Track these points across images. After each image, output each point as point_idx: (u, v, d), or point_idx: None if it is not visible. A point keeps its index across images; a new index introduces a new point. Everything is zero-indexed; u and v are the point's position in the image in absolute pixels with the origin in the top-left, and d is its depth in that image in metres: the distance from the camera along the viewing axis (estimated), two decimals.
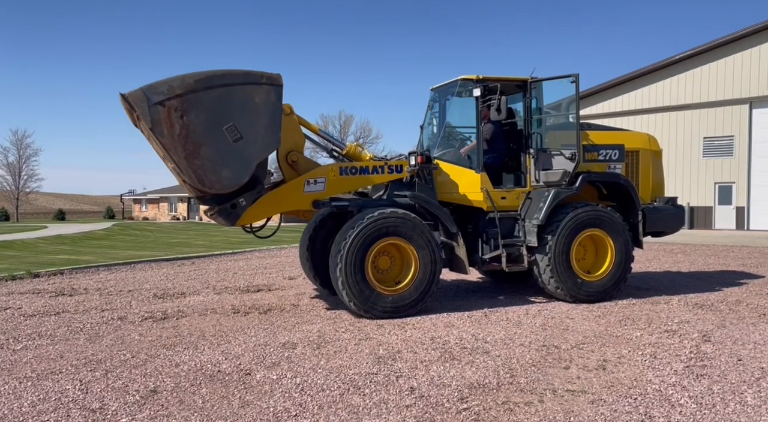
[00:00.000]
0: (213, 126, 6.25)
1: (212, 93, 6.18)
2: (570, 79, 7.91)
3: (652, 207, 8.81)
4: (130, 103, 6.02)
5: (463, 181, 8.09)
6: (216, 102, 6.22)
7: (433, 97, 8.94)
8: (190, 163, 6.27)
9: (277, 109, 6.61)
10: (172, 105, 6.01)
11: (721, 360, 5.26)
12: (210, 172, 6.38)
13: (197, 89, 6.11)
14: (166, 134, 6.08)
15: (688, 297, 8.41)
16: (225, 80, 6.26)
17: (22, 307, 8.22)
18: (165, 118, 6.01)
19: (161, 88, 5.99)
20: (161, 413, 4.10)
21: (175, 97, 6.02)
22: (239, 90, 6.34)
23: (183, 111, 6.06)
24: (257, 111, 6.44)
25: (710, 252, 15.24)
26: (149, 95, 5.95)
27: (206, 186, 6.49)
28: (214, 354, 5.62)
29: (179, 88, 6.04)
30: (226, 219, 6.92)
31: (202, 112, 6.18)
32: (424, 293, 7.28)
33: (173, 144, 6.16)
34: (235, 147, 6.37)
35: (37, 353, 5.76)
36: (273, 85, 6.52)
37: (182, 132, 6.11)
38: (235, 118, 6.33)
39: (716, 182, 25.31)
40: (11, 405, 4.28)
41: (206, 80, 6.17)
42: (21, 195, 67.42)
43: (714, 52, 24.89)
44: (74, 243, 22.05)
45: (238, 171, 6.50)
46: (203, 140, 6.24)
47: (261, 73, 6.48)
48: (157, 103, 5.95)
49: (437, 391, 4.48)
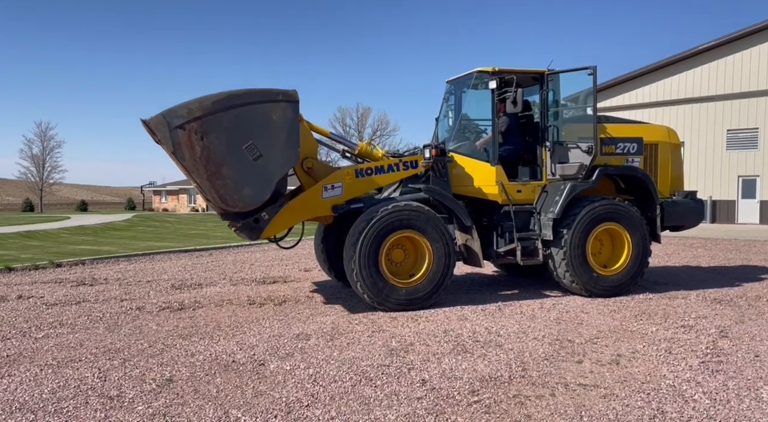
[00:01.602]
0: (233, 146, 6.30)
1: (231, 113, 6.23)
2: (588, 71, 7.80)
3: (671, 201, 8.69)
4: (151, 128, 6.13)
5: (478, 173, 8.05)
6: (235, 122, 6.27)
7: (448, 90, 8.90)
8: (212, 183, 6.36)
9: (294, 124, 6.64)
10: (192, 127, 6.08)
11: (738, 356, 5.19)
12: (232, 191, 6.45)
13: (216, 110, 6.16)
14: (188, 157, 6.18)
15: (707, 292, 8.30)
16: (243, 100, 6.31)
17: (44, 296, 8.41)
18: (186, 141, 6.10)
19: (181, 112, 6.06)
20: (176, 401, 4.19)
21: (195, 120, 6.09)
22: (257, 108, 6.38)
23: (203, 133, 6.14)
24: (275, 128, 6.48)
25: (732, 247, 14.99)
26: (169, 119, 6.04)
27: (229, 205, 6.57)
28: (229, 344, 5.70)
29: (198, 111, 6.10)
30: (249, 234, 6.99)
31: (222, 132, 6.24)
32: (437, 286, 7.29)
33: (195, 166, 6.25)
34: (256, 165, 6.43)
35: (58, 341, 5.90)
36: (290, 101, 6.55)
37: (203, 153, 6.20)
38: (254, 137, 6.38)
39: (740, 175, 24.83)
40: (32, 392, 4.40)
41: (225, 101, 6.22)
42: (45, 186, 68.79)
43: (739, 43, 24.34)
44: (96, 233, 22.43)
45: (260, 189, 6.56)
46: (224, 160, 6.30)
47: (278, 91, 6.51)
48: (177, 127, 6.04)
49: (448, 384, 4.50)
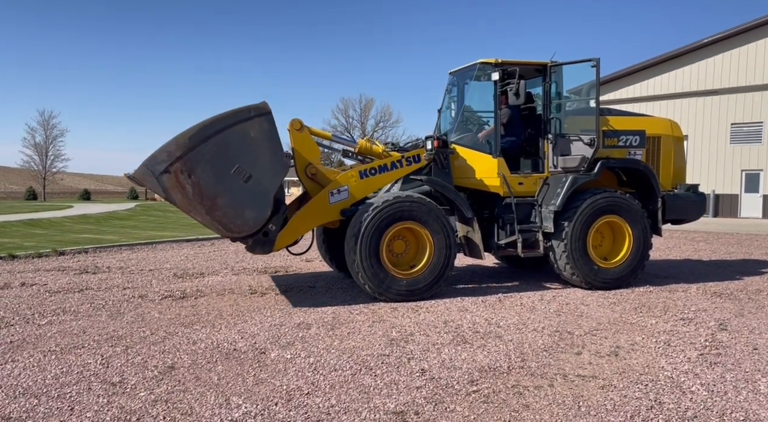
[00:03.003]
0: (221, 174, 6.30)
1: (210, 143, 6.20)
2: (591, 63, 7.78)
3: (673, 194, 8.68)
4: (138, 181, 6.21)
5: (479, 165, 8.05)
6: (216, 151, 6.24)
7: (451, 81, 8.88)
8: (212, 216, 6.36)
9: (274, 135, 6.58)
10: (176, 168, 6.09)
11: (737, 348, 5.22)
12: (234, 218, 6.44)
13: (195, 145, 6.15)
14: (181, 198, 6.19)
15: (707, 285, 8.32)
16: (217, 127, 6.26)
17: (47, 284, 8.47)
18: (175, 183, 6.12)
19: (161, 157, 6.07)
20: (178, 388, 4.23)
21: (177, 160, 6.09)
22: (234, 131, 6.33)
23: (189, 170, 6.14)
24: (257, 145, 6.44)
25: (733, 241, 14.98)
26: (152, 168, 6.05)
27: (235, 231, 6.55)
28: (231, 332, 5.74)
29: (178, 150, 6.09)
30: (262, 249, 7.00)
31: (206, 164, 6.22)
32: (438, 277, 7.32)
33: (190, 204, 6.26)
34: (249, 186, 6.41)
35: (61, 328, 5.95)
36: (262, 114, 6.48)
37: (195, 190, 6.20)
38: (239, 160, 6.36)
39: (743, 169, 24.74)
40: (35, 377, 4.45)
41: (200, 133, 6.19)
42: (48, 175, 68.88)
43: (744, 36, 24.17)
44: (98, 222, 22.50)
45: (260, 207, 6.54)
46: (217, 191, 6.30)
47: (248, 108, 6.43)
48: (162, 172, 6.06)
49: (448, 373, 4.54)
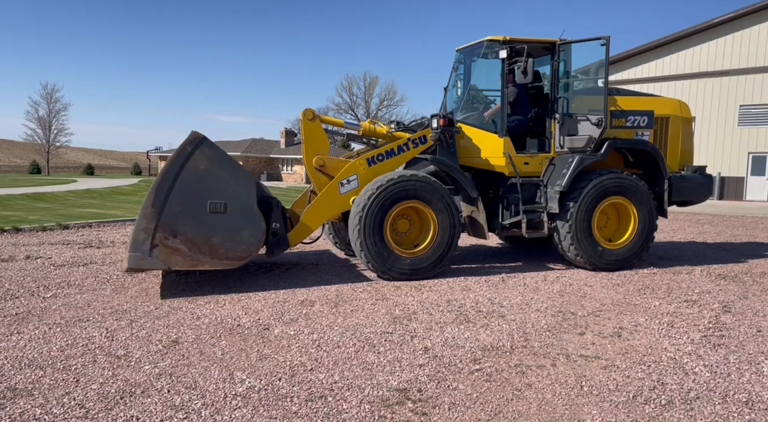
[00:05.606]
0: (200, 217, 6.23)
1: (173, 197, 6.12)
2: (600, 41, 7.63)
3: (680, 175, 8.61)
4: (137, 269, 6.22)
5: (485, 145, 7.97)
6: (183, 200, 6.17)
7: (458, 59, 8.75)
8: (218, 258, 6.33)
9: (221, 156, 6.44)
10: (160, 238, 6.04)
11: (740, 330, 5.22)
12: (236, 246, 6.40)
13: (161, 207, 6.07)
14: (182, 259, 6.17)
15: (712, 267, 8.30)
16: (169, 178, 6.15)
17: (52, 257, 8.50)
18: (168, 251, 6.08)
19: (141, 237, 6.00)
20: (182, 362, 4.25)
21: (156, 231, 6.03)
22: (186, 173, 6.21)
23: (171, 232, 6.09)
24: (212, 174, 6.33)
25: (738, 224, 14.93)
26: (140, 251, 5.99)
27: (247, 256, 6.51)
28: (235, 308, 5.76)
29: (151, 222, 6.03)
30: (280, 248, 6.99)
31: (183, 217, 6.15)
32: (442, 257, 7.31)
33: (193, 258, 6.22)
34: (231, 213, 6.35)
35: (65, 301, 5.98)
36: (198, 145, 6.32)
37: (189, 245, 6.18)
38: (207, 195, 6.27)
39: (750, 152, 24.56)
40: (41, 349, 4.48)
41: (158, 193, 6.09)
42: (51, 149, 68.84)
43: (755, 16, 23.79)
44: (102, 197, 22.53)
45: (252, 223, 6.48)
46: (206, 233, 6.25)
47: (183, 146, 6.28)
48: (151, 249, 6.02)
49: (450, 352, 4.55)
